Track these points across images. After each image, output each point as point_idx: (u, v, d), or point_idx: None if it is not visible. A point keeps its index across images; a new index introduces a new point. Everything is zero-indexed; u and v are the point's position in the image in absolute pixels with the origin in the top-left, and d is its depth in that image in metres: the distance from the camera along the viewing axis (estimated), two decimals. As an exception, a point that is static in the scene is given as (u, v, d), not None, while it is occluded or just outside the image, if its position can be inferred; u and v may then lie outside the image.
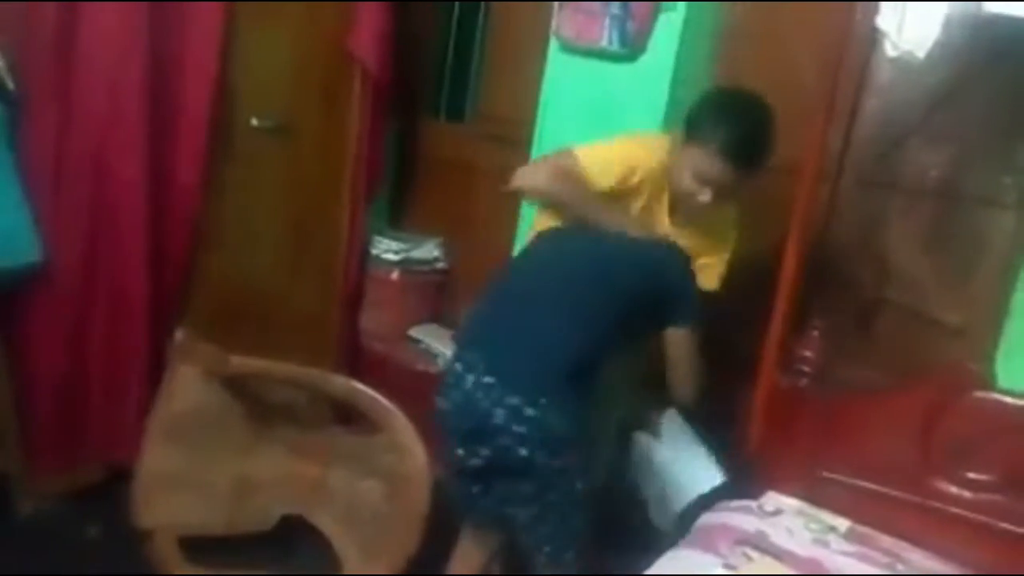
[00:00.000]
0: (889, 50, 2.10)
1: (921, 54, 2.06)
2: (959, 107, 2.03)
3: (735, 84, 1.89)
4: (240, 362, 2.05)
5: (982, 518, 1.83)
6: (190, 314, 2.40)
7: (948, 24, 2.02)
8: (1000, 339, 1.97)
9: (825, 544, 1.80)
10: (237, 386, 2.10)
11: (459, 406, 1.72)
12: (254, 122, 2.50)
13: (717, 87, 2.00)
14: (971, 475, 1.87)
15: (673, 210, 1.87)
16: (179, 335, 2.04)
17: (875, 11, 2.04)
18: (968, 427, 1.88)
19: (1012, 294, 1.95)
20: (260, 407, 2.16)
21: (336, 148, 2.75)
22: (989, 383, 1.90)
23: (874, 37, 2.10)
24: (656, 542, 1.85)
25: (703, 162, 1.69)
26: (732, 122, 1.69)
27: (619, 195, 1.82)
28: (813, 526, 1.85)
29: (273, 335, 2.63)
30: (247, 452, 2.14)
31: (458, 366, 1.74)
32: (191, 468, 2.07)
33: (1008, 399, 1.85)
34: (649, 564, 1.70)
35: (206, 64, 2.29)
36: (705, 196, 1.72)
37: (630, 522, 2.03)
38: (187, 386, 2.03)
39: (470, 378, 1.69)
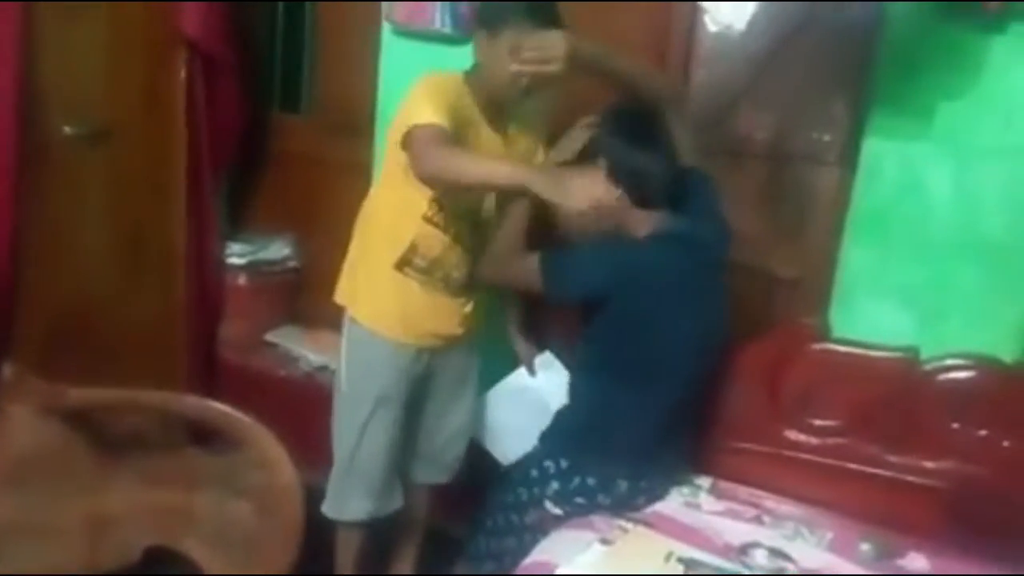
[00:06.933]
0: (710, 24, 2.18)
1: (741, 25, 2.15)
2: (780, 73, 2.13)
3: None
4: (79, 394, 1.90)
5: (829, 461, 1.97)
6: (17, 347, 2.21)
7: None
8: (832, 291, 2.10)
9: (696, 506, 1.88)
10: (80, 419, 1.95)
11: None
12: (67, 130, 2.30)
13: None
14: (816, 422, 2.00)
15: (491, 120, 1.92)
16: (6, 371, 1.87)
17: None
18: (809, 377, 2.00)
19: (840, 247, 2.09)
20: (108, 438, 2.01)
21: (164, 149, 2.58)
22: (825, 334, 2.03)
23: (695, 12, 2.17)
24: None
25: (518, 37, 1.78)
26: None
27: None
28: (683, 489, 1.93)
29: (115, 358, 2.45)
30: (98, 488, 1.99)
31: None
32: (37, 513, 1.91)
33: (843, 348, 1.99)
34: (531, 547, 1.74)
35: (6, 68, 2.08)
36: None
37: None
38: (21, 428, 1.87)
39: None
